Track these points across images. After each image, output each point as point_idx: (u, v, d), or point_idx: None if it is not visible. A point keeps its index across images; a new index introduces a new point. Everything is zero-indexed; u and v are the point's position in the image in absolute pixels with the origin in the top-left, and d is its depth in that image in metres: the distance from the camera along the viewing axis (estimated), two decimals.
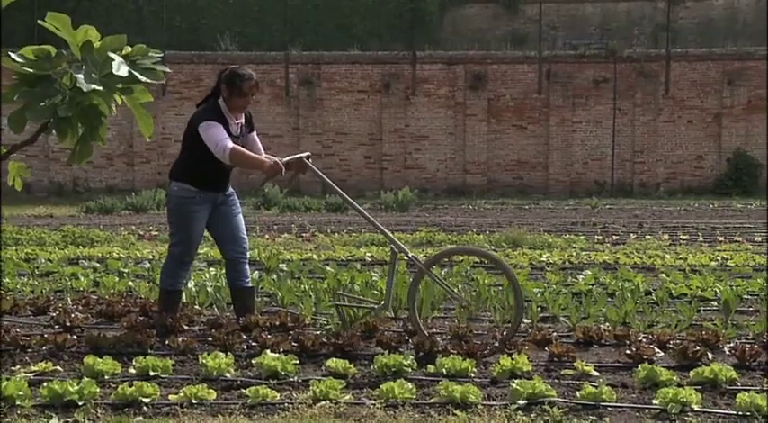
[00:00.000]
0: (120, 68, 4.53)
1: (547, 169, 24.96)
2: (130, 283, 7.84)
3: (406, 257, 5.72)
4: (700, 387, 4.54)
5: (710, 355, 5.14)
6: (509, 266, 5.99)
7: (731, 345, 5.36)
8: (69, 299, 7.04)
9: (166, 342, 5.44)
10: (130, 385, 4.40)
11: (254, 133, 6.13)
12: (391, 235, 5.85)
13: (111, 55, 4.56)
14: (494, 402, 4.36)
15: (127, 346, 5.34)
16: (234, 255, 6.03)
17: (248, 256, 6.19)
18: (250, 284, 6.17)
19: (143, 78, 4.69)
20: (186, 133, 5.95)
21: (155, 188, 21.21)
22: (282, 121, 24.89)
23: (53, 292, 7.61)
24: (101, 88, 4.49)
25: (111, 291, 7.48)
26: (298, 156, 5.88)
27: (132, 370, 4.86)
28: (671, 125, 24.79)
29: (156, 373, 4.79)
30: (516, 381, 4.46)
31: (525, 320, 6.27)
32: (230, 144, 5.64)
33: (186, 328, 5.94)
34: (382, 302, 5.79)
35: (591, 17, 28.21)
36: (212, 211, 5.98)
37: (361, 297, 6.47)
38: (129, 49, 4.77)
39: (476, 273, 8.24)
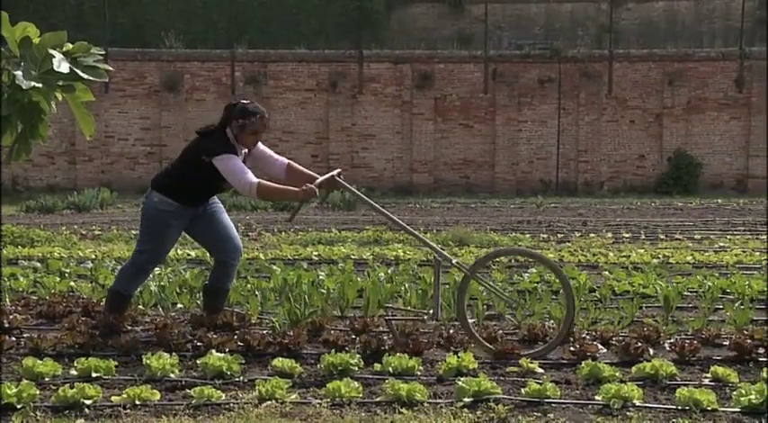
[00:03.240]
0: (61, 65, 4.44)
1: (493, 168, 25.17)
2: (72, 283, 7.70)
3: (450, 264, 5.65)
4: (641, 382, 4.62)
5: (652, 351, 5.24)
6: (557, 265, 6.04)
7: (671, 341, 5.47)
8: (8, 300, 6.89)
9: (109, 343, 5.36)
10: (72, 387, 4.32)
11: (260, 144, 5.95)
12: (434, 245, 5.81)
13: (52, 51, 4.47)
14: (440, 400, 4.39)
15: (68, 348, 5.25)
16: (226, 256, 5.93)
17: (240, 258, 6.10)
18: (229, 288, 6.13)
19: (85, 76, 4.60)
20: (187, 154, 5.80)
21: (97, 187, 20.87)
22: None
23: None
24: (40, 85, 4.39)
25: (52, 291, 7.33)
26: (330, 174, 5.75)
27: (74, 371, 4.77)
28: (614, 125, 25.18)
29: (98, 375, 4.72)
30: (462, 379, 4.49)
31: (471, 319, 6.31)
32: (255, 179, 5.52)
33: (130, 328, 5.87)
34: (431, 311, 5.63)
35: (536, 17, 28.52)
36: (192, 220, 5.87)
37: (410, 308, 6.38)
38: (70, 45, 4.68)
39: (422, 271, 8.26)
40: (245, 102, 5.82)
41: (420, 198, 22.41)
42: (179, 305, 6.84)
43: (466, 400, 4.31)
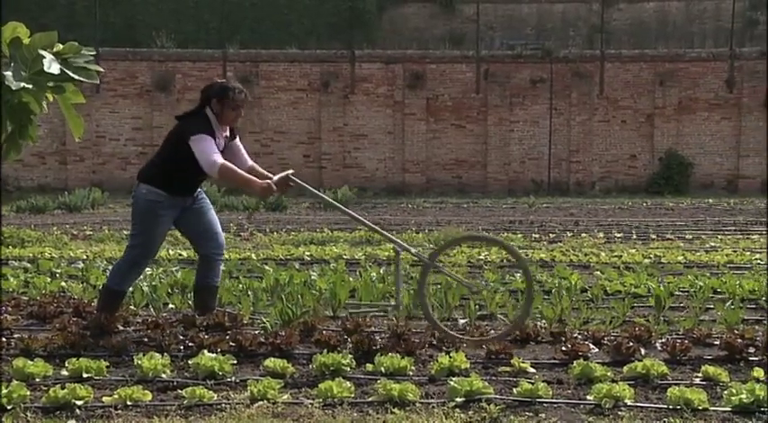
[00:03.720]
0: (52, 66, 4.42)
1: (485, 168, 25.19)
2: (63, 283, 7.67)
3: (410, 254, 5.73)
4: (633, 382, 4.63)
5: (643, 351, 5.24)
6: (515, 249, 6.17)
7: (663, 340, 5.48)
8: None
9: (101, 343, 5.34)
10: (63, 388, 4.30)
11: (238, 140, 6.03)
12: (390, 235, 5.85)
13: (42, 52, 4.45)
14: (432, 400, 4.38)
15: (59, 348, 5.23)
16: (209, 251, 5.96)
17: (224, 254, 6.11)
18: (217, 284, 6.11)
19: (75, 77, 4.58)
20: (169, 140, 5.85)
21: (88, 187, 20.82)
22: None
23: None
24: (30, 86, 4.37)
25: (43, 292, 7.31)
26: (284, 174, 5.79)
27: (65, 372, 4.75)
28: (605, 125, 25.23)
29: (89, 375, 4.70)
30: (454, 378, 4.49)
31: (461, 320, 6.32)
32: (220, 160, 5.58)
33: (121, 328, 5.85)
34: (394, 303, 5.71)
35: (527, 18, 28.57)
36: (181, 212, 5.90)
37: (372, 303, 6.44)
38: (61, 46, 4.66)
39: (414, 271, 8.26)
40: (221, 81, 5.90)
41: (412, 198, 22.42)
42: (170, 305, 6.82)
43: (458, 399, 4.31)
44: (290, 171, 5.91)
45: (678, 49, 25.50)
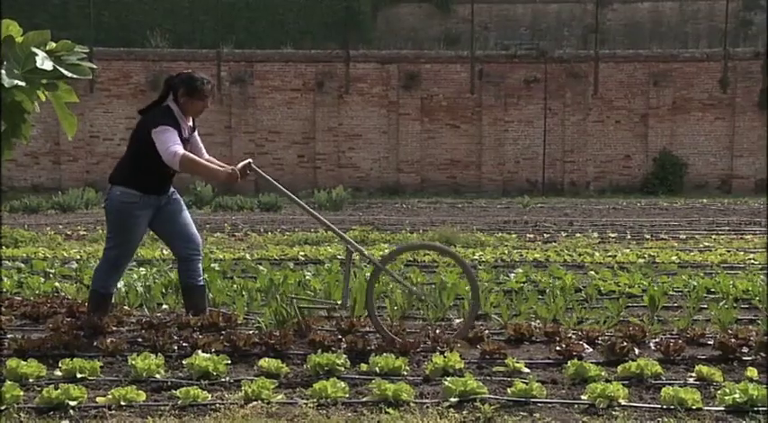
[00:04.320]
0: (45, 63, 4.40)
1: (480, 168, 25.20)
2: (57, 284, 7.65)
3: (361, 256, 5.75)
4: (627, 382, 4.63)
5: (637, 351, 5.25)
6: (464, 260, 6.22)
7: (657, 340, 5.49)
8: None
9: (94, 343, 5.33)
10: (56, 388, 4.29)
11: (196, 133, 6.03)
12: (344, 235, 5.87)
13: (35, 50, 4.43)
14: (426, 400, 4.38)
15: (52, 348, 5.22)
16: (186, 252, 5.91)
17: (202, 253, 6.09)
18: (202, 283, 6.03)
19: (68, 74, 4.56)
20: (134, 136, 5.81)
21: (82, 187, 20.78)
22: (215, 119, 24.57)
23: None
24: (23, 84, 4.35)
25: (37, 292, 7.29)
26: (244, 162, 5.81)
27: (58, 372, 4.75)
28: (600, 125, 25.26)
29: (83, 376, 4.69)
30: (448, 378, 4.49)
31: (456, 319, 6.32)
32: (181, 150, 5.53)
33: (115, 328, 5.84)
34: (339, 302, 5.77)
35: (522, 18, 28.59)
36: (156, 213, 5.86)
37: (318, 299, 6.47)
38: (54, 44, 4.64)
39: (409, 271, 8.27)
40: (187, 71, 5.89)
41: (406, 198, 22.42)
42: (165, 306, 6.81)
43: (452, 399, 4.31)
44: (249, 160, 5.91)
45: (672, 50, 25.55)
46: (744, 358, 5.18)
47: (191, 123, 5.90)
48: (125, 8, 26.85)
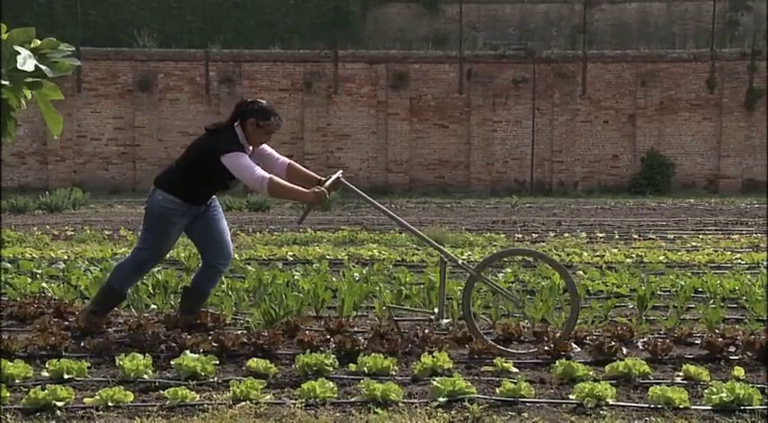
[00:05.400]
0: (27, 63, 4.37)
1: (468, 168, 25.24)
2: (44, 284, 7.60)
3: (454, 265, 5.69)
4: (614, 381, 4.64)
5: (625, 350, 5.27)
6: (561, 264, 6.11)
7: (644, 340, 5.51)
8: None
9: (82, 344, 5.30)
10: (43, 389, 4.27)
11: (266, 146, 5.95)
12: (439, 246, 5.84)
13: (18, 48, 4.40)
14: (415, 400, 4.38)
15: (39, 349, 5.19)
16: (215, 261, 5.93)
17: (229, 266, 6.07)
18: (209, 292, 6.10)
19: (50, 72, 4.52)
20: (193, 150, 5.78)
21: (70, 187, 20.66)
22: (203, 119, 24.45)
23: None
24: (7, 83, 4.33)
25: (23, 292, 7.25)
26: (335, 176, 5.73)
27: (45, 373, 4.72)
28: (588, 125, 25.34)
29: (70, 376, 4.67)
30: (437, 378, 4.49)
31: (444, 320, 6.31)
32: (267, 175, 5.51)
33: (103, 329, 5.81)
34: (436, 310, 5.69)
35: (510, 18, 28.64)
36: (194, 219, 5.86)
37: (416, 309, 6.40)
38: (38, 42, 4.61)
39: (397, 271, 8.26)
40: (261, 101, 5.82)
41: (395, 198, 22.41)
42: (153, 306, 6.79)
43: (441, 399, 4.31)
44: (341, 172, 5.87)
45: (660, 50, 25.65)
46: (731, 357, 5.20)
47: (250, 150, 5.80)
48: (112, 7, 26.75)
